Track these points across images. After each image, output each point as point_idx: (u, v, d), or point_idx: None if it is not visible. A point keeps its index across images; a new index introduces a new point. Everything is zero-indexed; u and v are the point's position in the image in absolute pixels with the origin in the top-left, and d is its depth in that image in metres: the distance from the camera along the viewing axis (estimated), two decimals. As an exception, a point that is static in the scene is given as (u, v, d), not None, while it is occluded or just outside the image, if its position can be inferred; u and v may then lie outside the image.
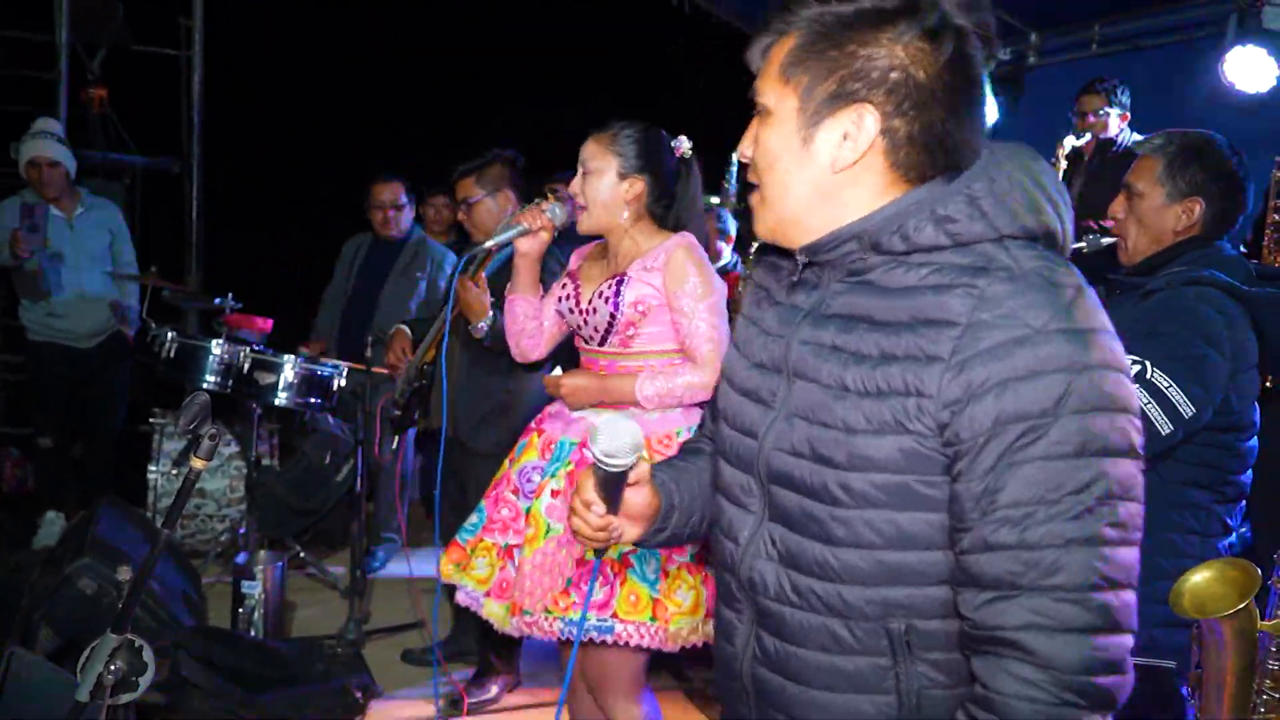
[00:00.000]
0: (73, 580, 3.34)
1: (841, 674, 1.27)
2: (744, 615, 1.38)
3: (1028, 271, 1.19)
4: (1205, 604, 1.68)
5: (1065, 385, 1.13)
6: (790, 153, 1.30)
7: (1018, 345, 1.14)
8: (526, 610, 2.49)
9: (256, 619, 3.81)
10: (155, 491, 4.98)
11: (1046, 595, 1.13)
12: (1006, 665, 1.14)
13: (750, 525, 1.37)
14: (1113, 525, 1.13)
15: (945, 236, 1.23)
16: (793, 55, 1.28)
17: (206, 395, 1.80)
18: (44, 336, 5.13)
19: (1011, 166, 1.27)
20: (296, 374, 4.50)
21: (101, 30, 6.85)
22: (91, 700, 1.73)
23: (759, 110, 1.33)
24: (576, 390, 2.62)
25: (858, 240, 1.28)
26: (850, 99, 1.25)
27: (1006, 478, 1.14)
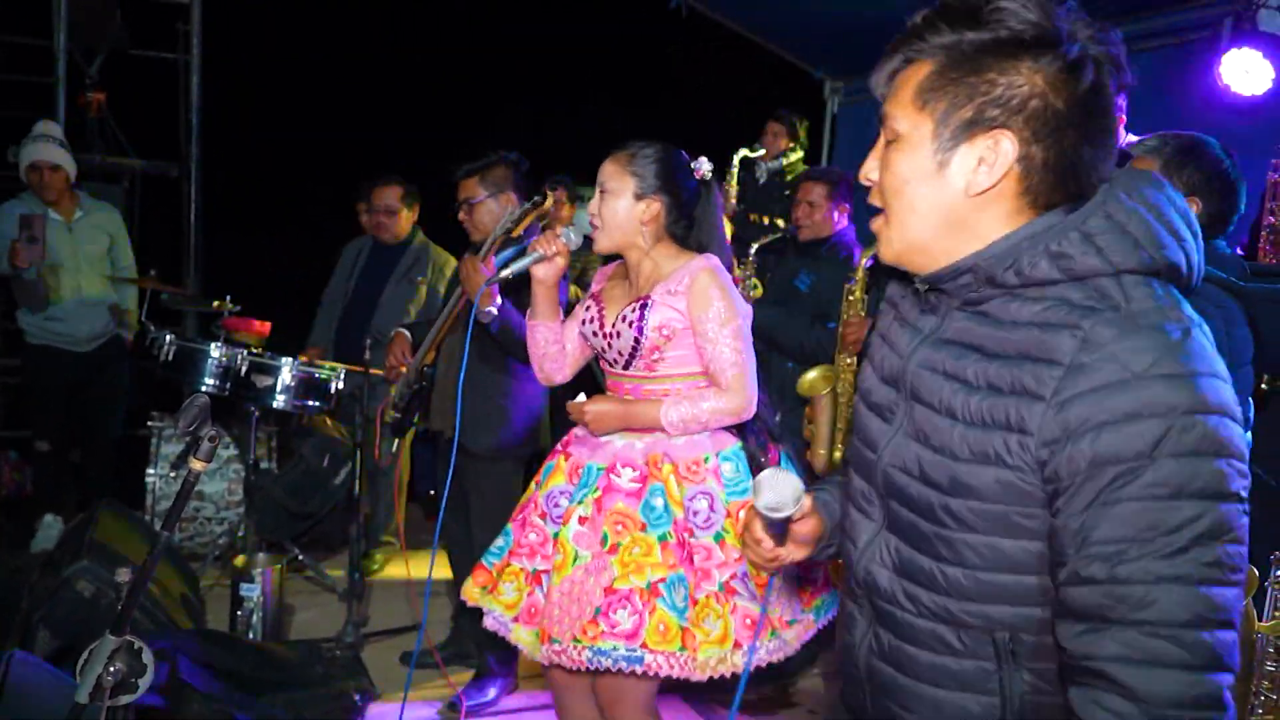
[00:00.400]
0: (71, 583, 3.34)
1: (949, 673, 1.34)
2: (864, 610, 1.46)
3: (1136, 313, 1.21)
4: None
5: (1163, 430, 1.15)
6: (923, 177, 1.31)
7: (1118, 389, 1.17)
8: (555, 639, 2.45)
9: (255, 622, 3.81)
10: (154, 494, 4.98)
11: (1136, 629, 1.15)
12: (1098, 697, 1.18)
13: (869, 531, 1.44)
14: (1208, 565, 1.15)
15: (1059, 271, 1.25)
16: (930, 81, 1.30)
17: (206, 397, 1.80)
18: (42, 340, 5.13)
19: (1133, 199, 1.28)
20: (294, 376, 4.50)
21: (99, 35, 6.85)
22: (91, 702, 1.73)
23: (888, 135, 1.34)
24: (601, 416, 2.59)
25: (973, 273, 1.31)
26: (989, 125, 1.27)
27: (1100, 516, 1.17)
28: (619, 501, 2.51)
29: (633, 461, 2.55)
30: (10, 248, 4.78)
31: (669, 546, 2.45)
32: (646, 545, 2.45)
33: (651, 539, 2.45)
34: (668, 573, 2.43)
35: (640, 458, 2.55)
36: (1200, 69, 4.60)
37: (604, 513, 2.51)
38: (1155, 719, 1.14)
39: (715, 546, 2.46)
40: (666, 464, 2.52)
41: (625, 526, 2.48)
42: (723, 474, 2.53)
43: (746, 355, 2.53)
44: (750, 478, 2.54)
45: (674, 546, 2.45)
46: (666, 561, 2.43)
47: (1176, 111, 4.76)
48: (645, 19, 7.06)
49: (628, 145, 2.64)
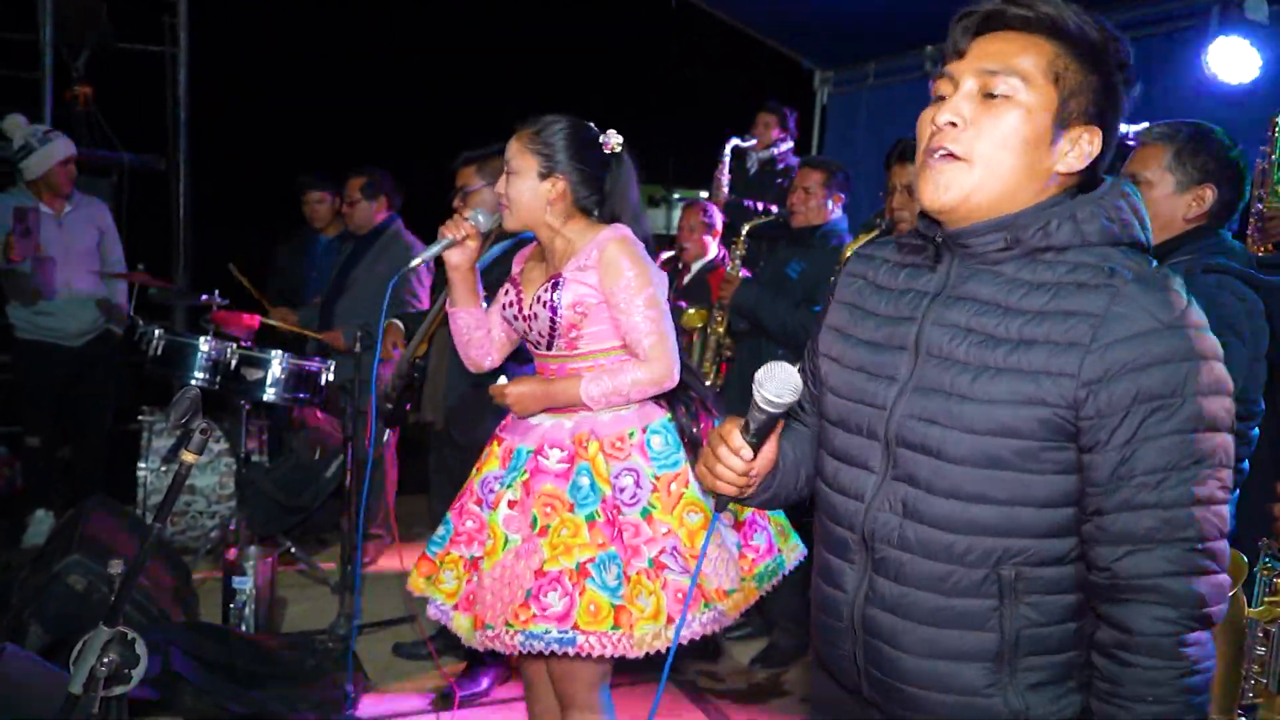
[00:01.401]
0: (62, 577, 3.33)
1: (951, 613, 1.45)
2: (857, 564, 1.54)
3: (1151, 276, 1.39)
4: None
5: (1188, 371, 1.34)
6: (1032, 144, 1.42)
7: (1152, 336, 1.34)
8: (489, 624, 2.44)
9: (247, 615, 3.81)
10: (145, 489, 4.97)
11: (1179, 546, 1.34)
12: (1147, 610, 1.34)
13: (873, 484, 1.51)
14: (1223, 488, 1.36)
15: (1078, 237, 1.42)
16: (1062, 61, 1.43)
17: (197, 390, 1.80)
18: (32, 335, 5.11)
19: (1131, 190, 1.48)
20: (284, 370, 4.50)
21: (86, 29, 6.81)
22: (85, 693, 1.73)
23: (996, 89, 1.43)
24: (521, 398, 2.58)
25: (1006, 231, 1.44)
26: (1092, 120, 1.44)
27: (1144, 448, 1.34)
28: (547, 483, 2.49)
29: (560, 442, 2.53)
30: (4, 241, 4.76)
31: (597, 526, 2.43)
32: (574, 526, 2.43)
33: (579, 519, 2.44)
34: (597, 552, 2.41)
35: (568, 437, 2.53)
36: (1187, 57, 4.61)
37: (533, 495, 2.50)
38: (1193, 618, 1.34)
39: (643, 522, 2.45)
40: (593, 442, 2.50)
41: (554, 508, 2.47)
42: (651, 448, 2.51)
43: (663, 323, 2.50)
44: (681, 449, 2.53)
45: (602, 525, 2.43)
46: (595, 541, 2.42)
47: (1164, 99, 4.77)
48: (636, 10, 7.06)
49: (533, 120, 2.58)
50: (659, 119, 8.39)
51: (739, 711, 3.75)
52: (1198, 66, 4.44)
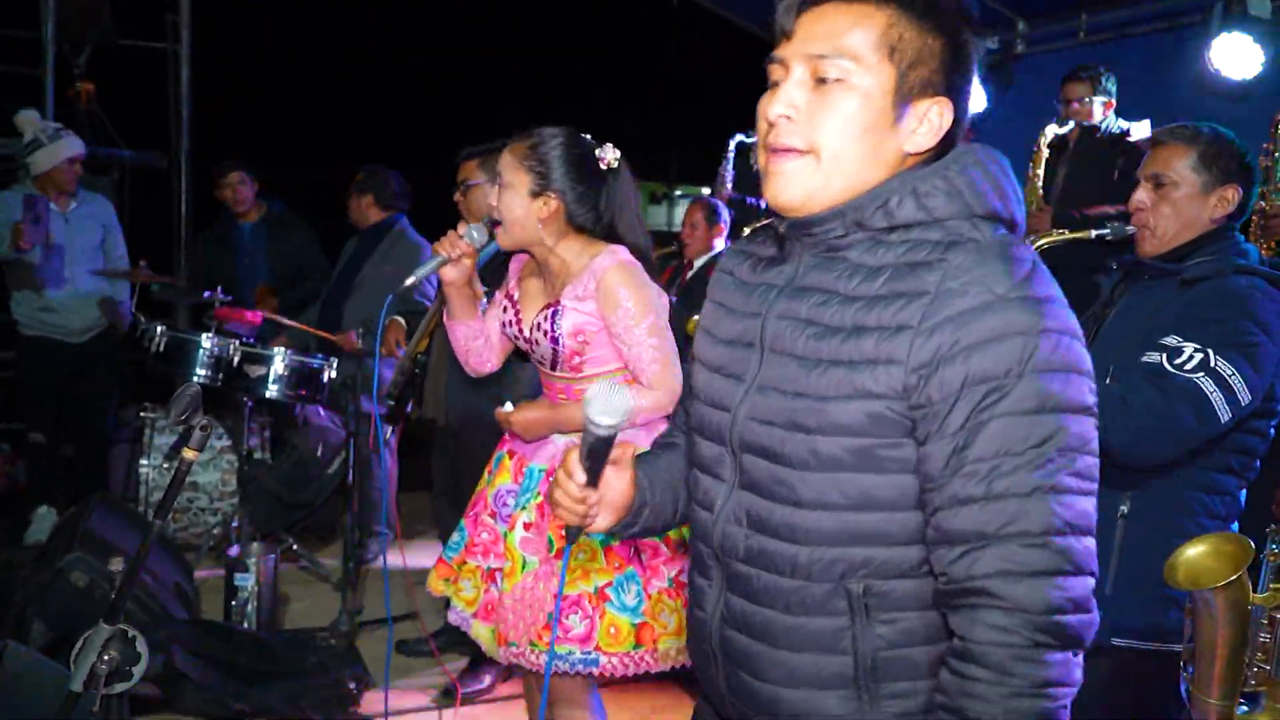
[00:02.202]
0: (65, 574, 3.33)
1: (802, 634, 1.33)
2: (714, 581, 1.44)
3: (991, 244, 1.27)
4: (1199, 576, 1.69)
5: (1025, 347, 1.20)
6: (875, 128, 1.31)
7: (983, 311, 1.21)
8: (512, 642, 2.46)
9: (250, 612, 3.81)
10: (146, 486, 4.97)
11: (1014, 542, 1.19)
12: (981, 615, 1.21)
13: (723, 493, 1.42)
14: (1072, 475, 1.21)
15: (923, 212, 1.30)
16: (895, 31, 1.30)
17: (198, 386, 1.80)
18: (35, 331, 5.12)
19: (985, 158, 1.35)
20: (286, 366, 4.50)
21: (88, 26, 6.81)
22: (86, 690, 1.73)
23: (833, 74, 1.30)
24: (528, 424, 2.54)
25: (843, 217, 1.33)
26: (937, 89, 1.32)
27: (974, 434, 1.21)
28: None
29: None
30: (14, 228, 4.78)
31: (612, 549, 2.43)
32: (590, 550, 2.43)
33: (595, 543, 2.42)
34: (614, 575, 2.41)
35: None
36: (1190, 54, 4.61)
37: (548, 518, 2.48)
38: (1034, 626, 1.18)
39: (660, 543, 2.44)
40: None
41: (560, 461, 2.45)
42: None
43: (665, 350, 2.44)
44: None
45: (618, 548, 2.43)
46: (611, 564, 2.42)
47: (1167, 96, 4.77)
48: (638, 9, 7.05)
49: (527, 134, 2.51)
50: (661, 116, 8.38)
51: None
52: (1201, 63, 4.43)
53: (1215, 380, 2.03)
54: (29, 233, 4.78)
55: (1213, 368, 2.04)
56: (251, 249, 5.56)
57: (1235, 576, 1.64)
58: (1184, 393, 2.02)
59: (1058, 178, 4.63)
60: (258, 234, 5.58)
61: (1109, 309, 2.36)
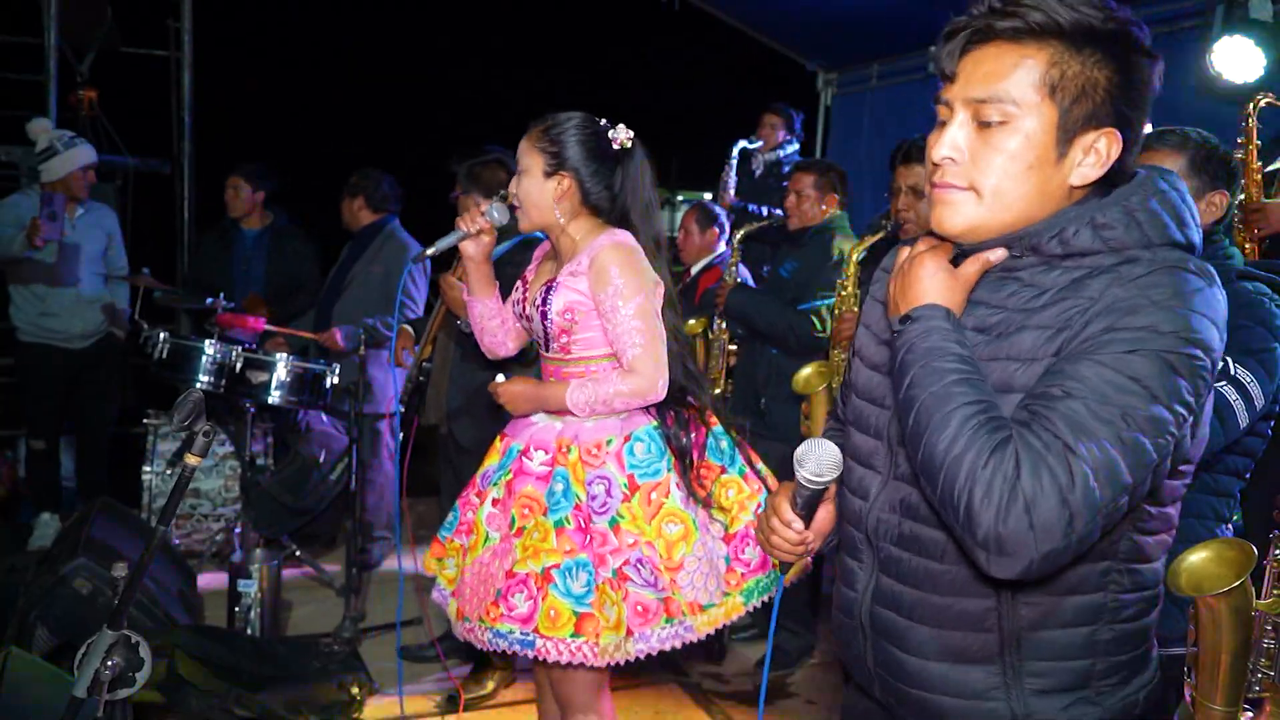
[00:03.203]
0: (68, 580, 3.33)
1: (951, 613, 1.41)
2: (865, 563, 1.53)
3: (1164, 260, 1.31)
4: (1202, 583, 1.69)
5: (1156, 343, 1.24)
6: (1039, 165, 1.35)
7: (1132, 310, 1.26)
8: (466, 617, 2.48)
9: (253, 618, 3.81)
10: (149, 492, 4.98)
11: (1059, 443, 1.23)
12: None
13: (878, 483, 1.50)
14: (1124, 439, 1.23)
15: (1100, 242, 1.34)
16: (1055, 70, 1.32)
17: (200, 392, 1.80)
18: (35, 337, 5.14)
19: (1166, 185, 1.38)
20: (289, 372, 4.51)
21: (90, 33, 6.83)
22: (89, 696, 1.73)
23: (994, 117, 1.34)
24: (514, 397, 2.58)
25: (1018, 241, 1.38)
26: (1103, 121, 1.34)
27: (1074, 361, 1.27)
28: (528, 485, 2.49)
29: (546, 444, 2.52)
30: (31, 223, 4.81)
31: (565, 532, 2.41)
32: (544, 530, 2.43)
33: (549, 524, 2.43)
34: (563, 558, 2.39)
35: (553, 440, 2.52)
36: (1191, 56, 4.61)
37: (514, 495, 2.50)
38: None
39: (610, 532, 2.43)
40: (574, 447, 2.49)
41: (531, 510, 2.46)
42: (633, 454, 2.48)
43: (649, 335, 2.44)
44: (664, 458, 2.49)
45: (572, 532, 2.41)
46: (562, 547, 2.40)
47: (1168, 99, 4.74)
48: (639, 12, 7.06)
49: (542, 119, 2.56)
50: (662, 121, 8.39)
51: (743, 713, 3.74)
52: (1202, 66, 4.43)
53: (1236, 388, 2.04)
54: (46, 228, 4.81)
55: (1233, 376, 2.05)
56: (251, 256, 5.56)
57: (1238, 583, 1.64)
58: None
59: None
60: (259, 243, 5.59)
61: None
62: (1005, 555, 1.23)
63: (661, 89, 8.89)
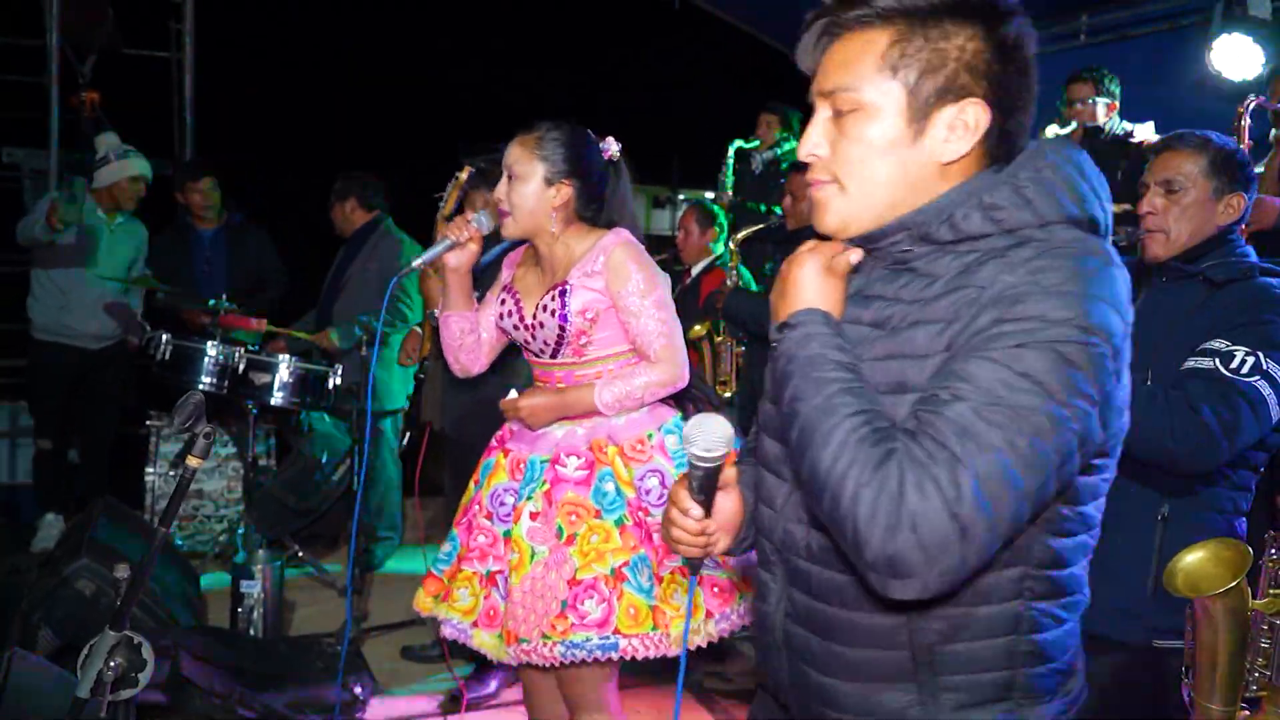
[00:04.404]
0: (71, 581, 3.35)
1: (860, 629, 1.33)
2: (777, 576, 1.45)
3: (1057, 243, 1.23)
4: (1198, 583, 1.70)
5: (1048, 332, 1.16)
6: (896, 146, 1.31)
7: (1022, 297, 1.19)
8: (523, 638, 2.42)
9: (255, 618, 3.82)
10: (153, 493, 4.99)
11: (944, 451, 1.16)
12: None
13: (784, 492, 1.43)
14: (1020, 451, 1.15)
15: (991, 224, 1.27)
16: (897, 48, 1.29)
17: (201, 394, 1.81)
18: (51, 335, 5.17)
19: (1059, 158, 1.31)
20: (291, 373, 4.51)
21: (92, 35, 6.84)
22: (92, 696, 1.74)
23: (846, 105, 1.32)
24: (536, 410, 2.54)
25: (907, 231, 1.33)
26: (960, 92, 1.28)
27: (963, 359, 1.19)
28: (569, 491, 2.48)
29: (576, 449, 2.51)
30: (50, 205, 4.84)
31: (627, 529, 2.43)
32: (604, 531, 2.43)
33: (608, 524, 2.43)
34: (630, 555, 2.41)
35: (583, 444, 2.51)
36: (1190, 54, 4.61)
37: (555, 505, 2.48)
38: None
39: None
40: (611, 446, 2.49)
41: (579, 515, 2.45)
42: (668, 448, 2.51)
43: (672, 324, 2.49)
44: None
45: (632, 528, 2.43)
46: (627, 544, 2.42)
47: (1167, 97, 4.78)
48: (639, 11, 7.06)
49: (535, 126, 2.55)
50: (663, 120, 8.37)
51: (747, 712, 3.73)
52: (1202, 64, 4.43)
53: (1269, 382, 2.05)
54: (63, 210, 4.83)
55: (1266, 370, 2.05)
56: (211, 256, 5.56)
57: (1234, 583, 1.65)
58: (1245, 398, 2.03)
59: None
60: (218, 242, 5.57)
61: None
62: (897, 577, 1.16)
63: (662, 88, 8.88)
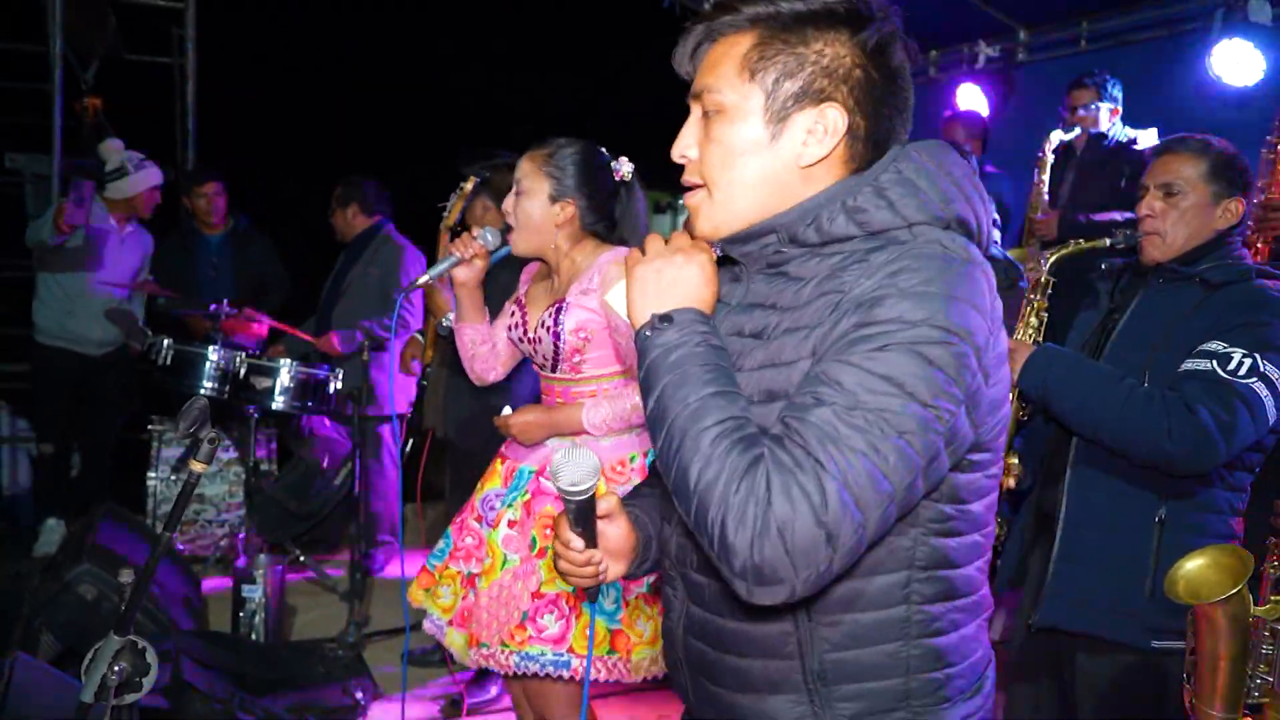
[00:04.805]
0: (73, 586, 3.35)
1: (749, 638, 1.34)
2: (677, 591, 1.46)
3: (919, 244, 1.24)
4: (1200, 590, 1.70)
5: (907, 334, 1.16)
6: (754, 149, 1.32)
7: (881, 301, 1.19)
8: (484, 643, 2.44)
9: (257, 623, 3.82)
10: (154, 498, 4.99)
11: (802, 453, 1.15)
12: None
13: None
14: (882, 452, 1.15)
15: (855, 226, 1.28)
16: (755, 51, 1.30)
17: (205, 399, 1.81)
18: (54, 340, 5.18)
19: (922, 158, 1.32)
20: (293, 378, 4.52)
21: (94, 41, 6.85)
22: (96, 701, 1.74)
23: (709, 107, 1.33)
24: (526, 427, 2.56)
25: (776, 234, 1.33)
26: (818, 96, 1.30)
27: (825, 365, 1.19)
28: (548, 505, 2.49)
29: None
30: (56, 208, 4.85)
31: None
32: None
33: None
34: None
35: None
36: (1191, 60, 4.62)
37: (533, 516, 2.50)
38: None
39: None
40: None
41: (554, 530, 2.46)
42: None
43: None
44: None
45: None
46: None
47: (1169, 103, 4.78)
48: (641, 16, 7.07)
49: (546, 143, 2.57)
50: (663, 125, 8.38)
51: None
52: (1202, 69, 4.44)
53: (1266, 385, 2.06)
54: (70, 212, 4.82)
55: (1263, 372, 2.06)
56: (218, 262, 5.57)
57: (1236, 590, 1.65)
58: (1243, 400, 2.04)
59: (1065, 184, 4.65)
60: (224, 248, 5.59)
61: (1117, 313, 2.37)
62: (764, 584, 1.15)
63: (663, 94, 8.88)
